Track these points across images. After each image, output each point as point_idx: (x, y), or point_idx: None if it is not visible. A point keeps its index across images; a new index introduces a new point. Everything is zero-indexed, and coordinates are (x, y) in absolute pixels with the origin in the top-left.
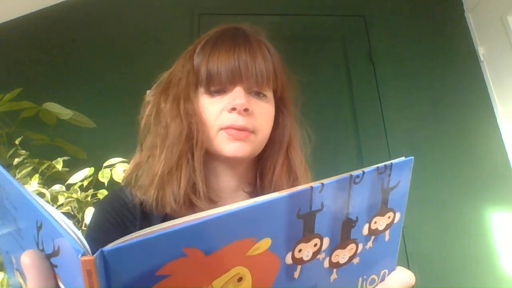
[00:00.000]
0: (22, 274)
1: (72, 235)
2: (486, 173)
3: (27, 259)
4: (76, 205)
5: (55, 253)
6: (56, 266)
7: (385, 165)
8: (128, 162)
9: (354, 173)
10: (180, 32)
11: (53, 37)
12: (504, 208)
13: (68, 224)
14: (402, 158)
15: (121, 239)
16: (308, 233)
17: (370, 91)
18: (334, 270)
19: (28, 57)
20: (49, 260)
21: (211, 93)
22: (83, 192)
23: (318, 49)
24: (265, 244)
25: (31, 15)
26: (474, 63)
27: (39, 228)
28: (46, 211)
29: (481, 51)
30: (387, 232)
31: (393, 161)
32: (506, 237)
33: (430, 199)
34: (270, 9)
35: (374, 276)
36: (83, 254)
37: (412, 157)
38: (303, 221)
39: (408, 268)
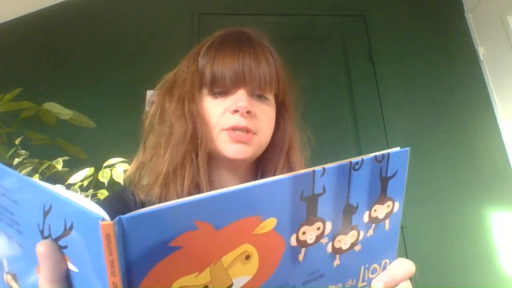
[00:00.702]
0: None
1: (90, 206)
2: (486, 173)
3: (42, 248)
4: None
5: (66, 233)
6: (65, 247)
7: (382, 154)
8: (128, 162)
9: (354, 159)
10: (180, 32)
11: (53, 37)
12: (504, 208)
13: (84, 199)
14: (398, 148)
15: (137, 210)
16: (311, 216)
17: (370, 91)
18: (337, 256)
19: (28, 57)
20: (58, 243)
21: (214, 94)
22: (83, 192)
23: (318, 49)
24: (270, 223)
25: (31, 15)
26: (474, 63)
27: (46, 213)
28: (57, 192)
29: (481, 51)
30: (387, 221)
31: (389, 150)
32: (506, 237)
33: (430, 199)
34: (270, 9)
35: (376, 265)
36: (103, 220)
37: (408, 148)
38: (306, 204)
39: None
